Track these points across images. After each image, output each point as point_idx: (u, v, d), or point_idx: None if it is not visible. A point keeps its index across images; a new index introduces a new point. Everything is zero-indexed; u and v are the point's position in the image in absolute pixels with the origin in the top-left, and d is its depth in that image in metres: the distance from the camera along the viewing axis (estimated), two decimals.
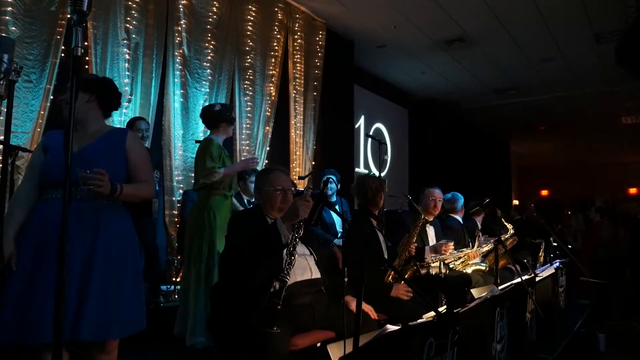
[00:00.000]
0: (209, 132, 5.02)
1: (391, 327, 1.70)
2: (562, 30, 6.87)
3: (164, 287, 4.33)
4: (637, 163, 15.47)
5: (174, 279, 4.50)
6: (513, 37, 7.16)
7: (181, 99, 4.98)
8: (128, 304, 2.00)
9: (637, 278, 5.34)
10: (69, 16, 3.62)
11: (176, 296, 4.08)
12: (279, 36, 6.12)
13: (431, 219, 3.83)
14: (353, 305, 2.28)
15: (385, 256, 3.08)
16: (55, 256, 1.85)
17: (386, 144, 4.57)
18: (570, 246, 6.07)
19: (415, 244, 3.24)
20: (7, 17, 3.70)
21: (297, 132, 6.40)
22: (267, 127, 5.97)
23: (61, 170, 1.64)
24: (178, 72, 4.95)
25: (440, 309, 2.08)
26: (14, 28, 3.73)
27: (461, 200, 4.44)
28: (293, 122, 6.36)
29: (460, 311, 1.94)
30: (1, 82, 1.48)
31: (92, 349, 1.99)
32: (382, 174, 4.49)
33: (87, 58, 4.22)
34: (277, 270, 2.04)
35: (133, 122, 4.10)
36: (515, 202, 15.12)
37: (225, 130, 3.48)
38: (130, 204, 2.14)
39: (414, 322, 1.70)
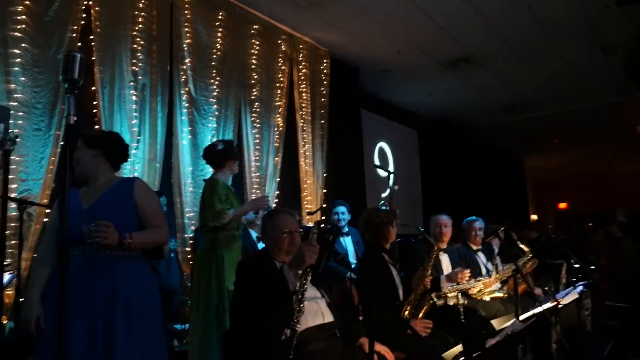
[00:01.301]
0: None
1: None
2: (567, 43, 6.82)
3: (177, 327, 4.28)
4: None
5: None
6: (517, 54, 7.12)
7: (189, 136, 5.01)
8: (150, 350, 2.04)
9: None
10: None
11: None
12: (283, 67, 6.17)
13: (443, 246, 3.74)
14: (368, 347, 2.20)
15: (400, 291, 2.99)
16: (75, 311, 1.91)
17: (394, 173, 4.49)
18: (593, 266, 5.88)
19: (430, 276, 3.15)
20: (16, 69, 3.78)
21: (307, 161, 6.39)
22: (277, 158, 5.97)
23: (71, 229, 1.71)
24: (185, 110, 4.99)
25: (457, 351, 2.00)
26: (23, 78, 3.81)
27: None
28: (302, 151, 6.36)
29: (479, 354, 1.85)
30: None
31: None
32: (392, 201, 4.41)
33: (94, 102, 4.28)
34: (287, 319, 1.98)
35: None
36: (534, 217, 14.85)
37: (230, 168, 3.41)
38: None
39: None
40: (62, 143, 3.92)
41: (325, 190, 6.54)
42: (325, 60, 6.80)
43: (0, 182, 1.56)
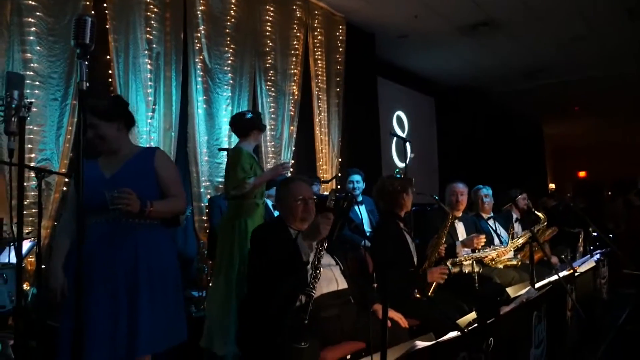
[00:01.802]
0: (233, 136, 5.11)
1: (420, 344, 1.65)
2: (591, 6, 6.55)
3: (195, 293, 4.37)
4: None
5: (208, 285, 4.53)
6: (538, 18, 6.86)
7: (204, 105, 5.00)
8: (171, 315, 2.09)
9: None
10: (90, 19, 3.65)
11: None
12: (298, 34, 6.06)
13: (459, 214, 3.72)
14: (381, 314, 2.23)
15: (415, 258, 3.00)
16: (99, 279, 1.96)
17: (411, 141, 4.44)
18: (611, 235, 5.81)
19: (445, 244, 3.14)
20: (32, 38, 3.78)
21: (322, 129, 6.35)
22: (292, 127, 5.94)
23: (93, 198, 1.82)
24: (200, 79, 4.96)
25: (471, 317, 2.01)
26: (38, 48, 3.81)
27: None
28: (317, 119, 6.31)
29: (493, 321, 1.86)
30: (13, 119, 1.49)
31: None
32: (408, 169, 4.37)
33: (109, 72, 4.27)
34: (302, 285, 2.01)
35: None
36: (552, 185, 14.63)
37: (256, 138, 3.43)
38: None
39: (444, 338, 1.63)
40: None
41: (340, 159, 6.51)
42: (340, 27, 6.66)
43: (16, 149, 1.57)
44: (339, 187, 5.81)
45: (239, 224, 3.17)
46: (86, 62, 1.25)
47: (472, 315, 2.10)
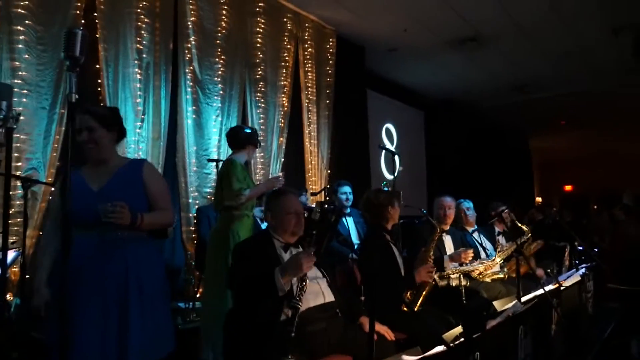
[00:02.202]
0: (222, 147, 5.12)
1: (407, 358, 1.65)
2: (578, 23, 6.69)
3: (181, 305, 4.33)
4: None
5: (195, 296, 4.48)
6: (526, 34, 7.00)
7: (193, 116, 4.99)
8: (160, 327, 2.08)
9: None
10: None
11: (194, 315, 4.06)
12: (289, 46, 6.10)
13: (446, 228, 3.75)
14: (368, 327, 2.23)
15: (402, 270, 3.01)
16: (88, 293, 1.94)
17: (399, 155, 4.48)
18: (596, 249, 5.87)
19: (433, 257, 3.16)
20: (20, 46, 3.76)
21: (312, 141, 6.37)
22: (281, 138, 5.95)
23: (81, 210, 1.82)
24: (189, 89, 4.96)
25: (457, 331, 2.01)
26: (27, 56, 3.79)
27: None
28: (307, 131, 6.33)
29: (480, 335, 1.86)
30: (0, 131, 1.48)
31: None
32: (396, 181, 4.40)
33: (99, 81, 4.26)
34: (288, 299, 2.00)
35: None
36: (538, 199, 14.78)
37: (249, 153, 3.51)
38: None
39: (431, 352, 1.64)
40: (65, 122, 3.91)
41: (329, 171, 6.53)
42: (331, 39, 6.71)
43: (3, 160, 1.56)
44: (327, 199, 5.81)
45: (232, 233, 3.19)
46: (75, 74, 1.25)
47: (459, 329, 2.10)
